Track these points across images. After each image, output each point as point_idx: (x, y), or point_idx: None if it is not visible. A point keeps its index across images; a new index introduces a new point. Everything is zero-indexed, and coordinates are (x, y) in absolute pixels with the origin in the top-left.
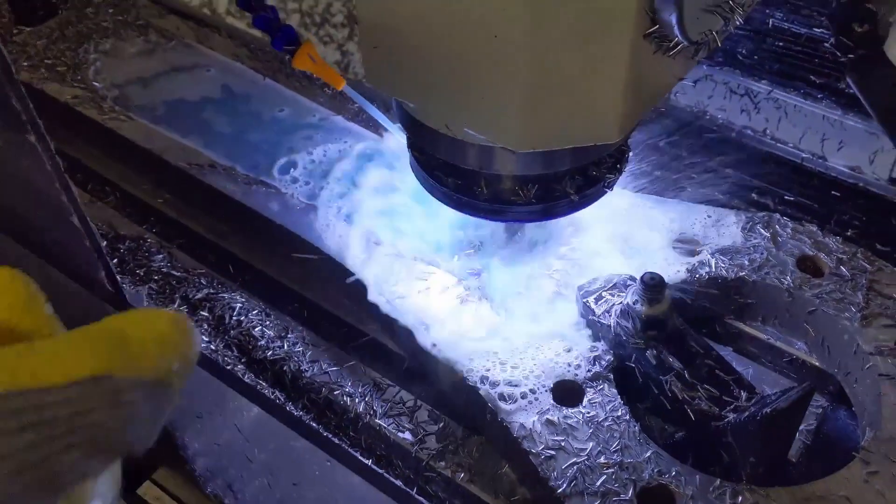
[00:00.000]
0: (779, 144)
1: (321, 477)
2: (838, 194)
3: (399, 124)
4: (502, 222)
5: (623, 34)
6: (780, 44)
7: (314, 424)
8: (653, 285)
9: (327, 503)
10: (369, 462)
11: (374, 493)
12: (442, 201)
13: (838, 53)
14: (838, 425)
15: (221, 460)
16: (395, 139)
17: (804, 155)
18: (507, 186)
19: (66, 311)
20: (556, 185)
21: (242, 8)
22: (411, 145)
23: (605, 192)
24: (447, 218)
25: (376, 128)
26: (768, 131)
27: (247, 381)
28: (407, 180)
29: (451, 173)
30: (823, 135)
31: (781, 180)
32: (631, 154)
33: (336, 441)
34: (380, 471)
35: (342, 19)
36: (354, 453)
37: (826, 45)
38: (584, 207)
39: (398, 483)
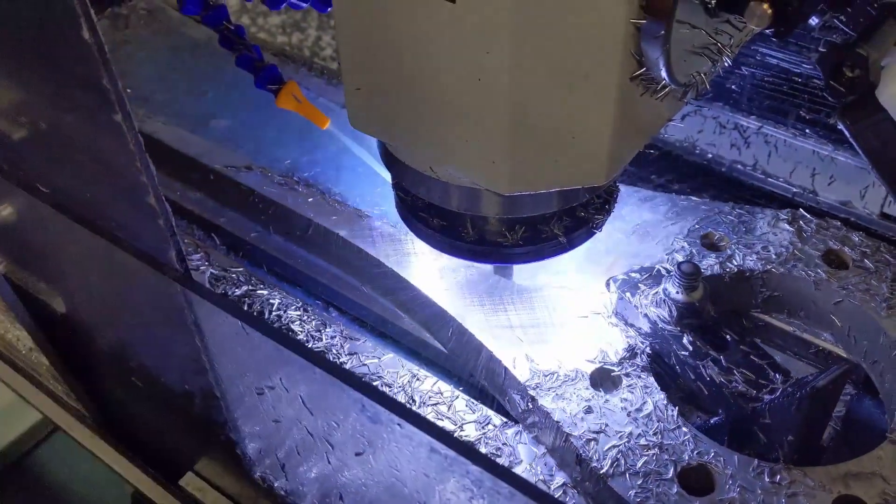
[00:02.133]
0: (769, 179)
1: (386, 445)
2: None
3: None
4: (488, 264)
5: (609, 77)
6: (770, 79)
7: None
8: (689, 273)
9: (394, 471)
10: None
11: (443, 458)
12: (427, 242)
13: (829, 99)
14: (865, 413)
15: (276, 438)
16: None
17: (795, 189)
18: (493, 228)
19: (130, 294)
20: (543, 227)
21: (225, 47)
22: (395, 186)
23: (594, 233)
24: None
25: None
26: (759, 166)
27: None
28: None
29: (435, 215)
30: (814, 169)
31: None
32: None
33: (406, 406)
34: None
35: (332, 52)
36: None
37: (816, 81)
38: (571, 249)
39: (467, 440)
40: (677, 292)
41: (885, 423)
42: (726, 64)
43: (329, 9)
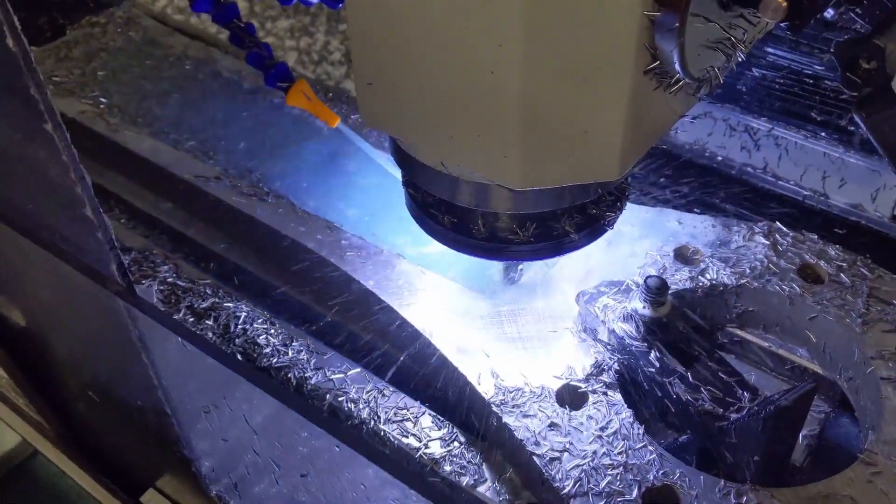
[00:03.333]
0: (780, 182)
1: (330, 467)
2: (841, 232)
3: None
4: (499, 261)
5: (623, 70)
6: (781, 81)
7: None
8: (655, 287)
9: (336, 493)
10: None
11: (384, 482)
12: (437, 239)
13: (846, 90)
14: (841, 430)
15: (228, 457)
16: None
17: (805, 192)
18: (503, 225)
19: (76, 309)
20: (554, 224)
21: (235, 45)
22: (406, 182)
23: (606, 230)
24: None
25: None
26: (769, 168)
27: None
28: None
29: (446, 211)
30: (825, 172)
31: (783, 218)
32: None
33: (349, 429)
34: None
35: (340, 57)
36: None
37: (827, 81)
38: (583, 246)
39: (412, 469)
40: (644, 307)
41: (861, 440)
42: (740, 59)
43: (340, 5)
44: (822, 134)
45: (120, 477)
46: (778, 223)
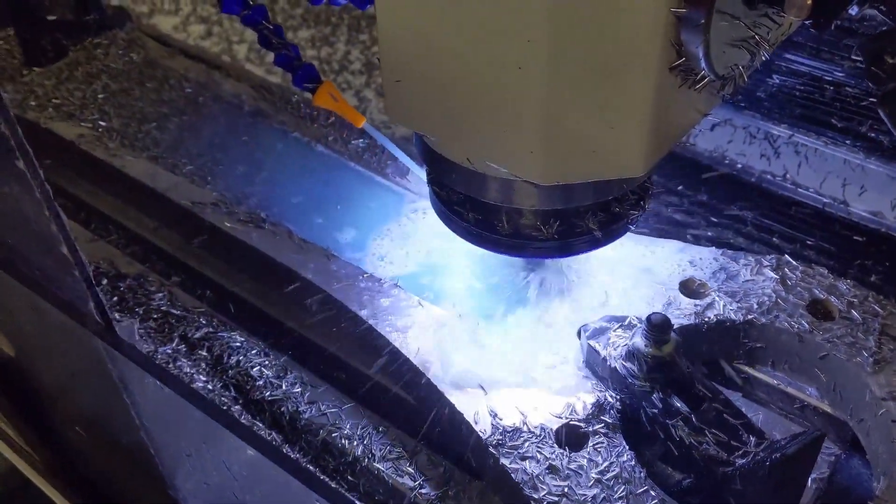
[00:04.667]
0: (799, 189)
1: None
2: (861, 239)
3: (418, 160)
4: (522, 258)
5: (648, 67)
6: (801, 87)
7: (310, 467)
8: (658, 325)
9: None
10: None
11: None
12: (461, 236)
13: (871, 84)
14: (852, 474)
15: (212, 499)
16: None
17: (825, 200)
18: (528, 222)
19: (57, 345)
20: (577, 222)
21: (264, 46)
22: (431, 180)
23: (629, 228)
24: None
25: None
26: (788, 176)
27: (240, 420)
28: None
29: (471, 208)
30: (845, 179)
31: (802, 226)
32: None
33: (331, 484)
34: None
35: (360, 67)
36: (351, 497)
37: (848, 88)
38: (605, 244)
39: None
40: (647, 345)
41: (873, 484)
42: (764, 57)
43: (368, 6)
44: (843, 141)
45: None
46: (787, 256)
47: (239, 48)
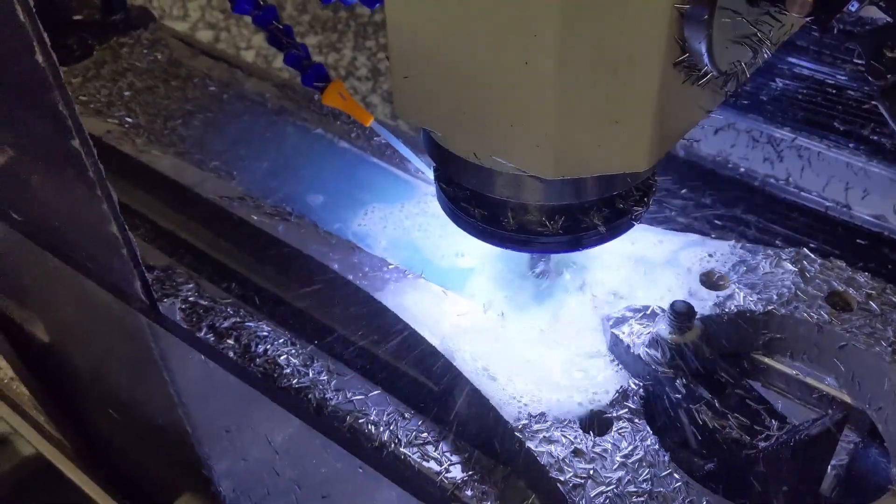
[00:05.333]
0: (802, 193)
1: (352, 489)
2: (863, 242)
3: (426, 157)
4: (527, 253)
5: (653, 62)
6: (804, 91)
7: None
8: (682, 313)
9: None
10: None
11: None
12: (468, 232)
13: (871, 78)
14: (870, 461)
15: (248, 477)
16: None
17: (828, 203)
18: (533, 217)
19: (97, 327)
20: (582, 217)
21: (274, 46)
22: (438, 177)
23: (633, 224)
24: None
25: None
26: (791, 179)
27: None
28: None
29: (477, 204)
30: (847, 183)
31: (806, 229)
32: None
33: (371, 451)
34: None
35: (366, 73)
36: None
37: (850, 92)
38: (610, 240)
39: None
40: (671, 333)
41: (891, 471)
42: (767, 55)
43: (377, 5)
44: (846, 144)
45: (138, 496)
46: (805, 250)
47: (246, 54)
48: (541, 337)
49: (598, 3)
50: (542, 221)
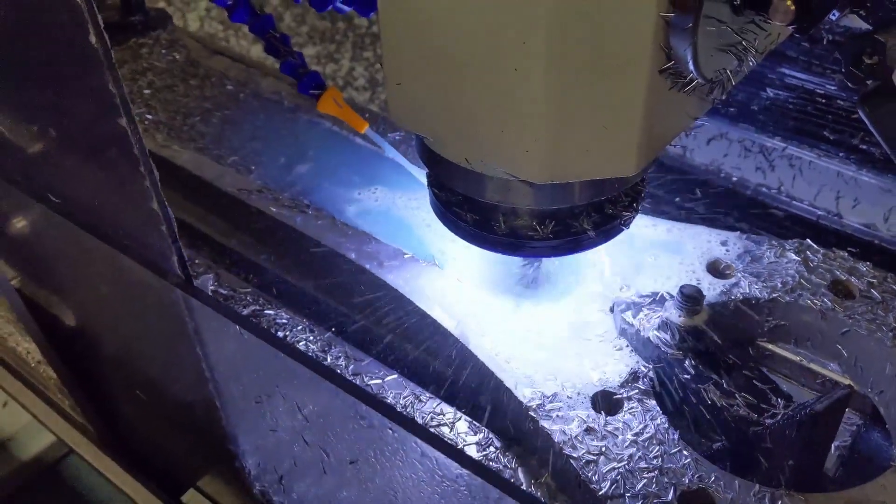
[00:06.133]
0: (794, 202)
1: (381, 453)
2: (855, 251)
3: (420, 165)
4: (518, 257)
5: (640, 69)
6: (794, 100)
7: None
8: (691, 296)
9: (385, 480)
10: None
11: (434, 471)
12: (460, 236)
13: (850, 84)
14: (872, 443)
15: (275, 449)
16: None
17: (819, 212)
18: (523, 222)
19: (130, 305)
20: (572, 222)
21: (270, 54)
22: (430, 183)
23: (622, 229)
24: None
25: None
26: (783, 189)
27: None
28: None
29: (469, 209)
30: (838, 192)
31: (799, 237)
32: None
33: (403, 414)
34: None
35: (364, 83)
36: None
37: (840, 101)
38: (600, 244)
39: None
40: (680, 315)
41: (893, 453)
42: (752, 63)
43: (372, 13)
44: (835, 153)
45: (161, 479)
46: (809, 241)
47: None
48: (553, 322)
49: (586, 11)
50: (532, 226)
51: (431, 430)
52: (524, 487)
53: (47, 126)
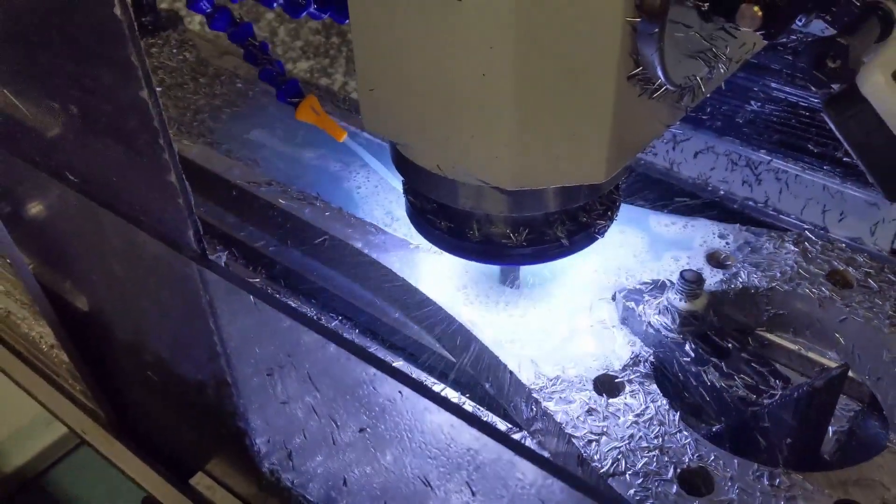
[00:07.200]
0: (781, 216)
1: (391, 419)
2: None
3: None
4: (492, 265)
5: (607, 75)
6: (778, 113)
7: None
8: (691, 280)
9: (394, 448)
10: None
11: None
12: (435, 244)
13: (813, 88)
14: (869, 428)
15: (285, 423)
16: None
17: (806, 226)
18: (497, 230)
19: (149, 277)
20: (546, 230)
21: (250, 62)
22: (406, 190)
23: (597, 238)
24: None
25: None
26: (770, 202)
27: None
28: None
29: (443, 216)
30: (824, 206)
31: None
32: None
33: (412, 378)
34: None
35: (357, 97)
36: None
37: (822, 114)
38: (573, 252)
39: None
40: (680, 300)
41: (890, 437)
42: (722, 70)
43: (346, 21)
44: (820, 166)
45: (169, 463)
46: (807, 232)
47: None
48: (556, 309)
49: (553, 17)
50: (506, 234)
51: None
52: None
53: (68, 102)
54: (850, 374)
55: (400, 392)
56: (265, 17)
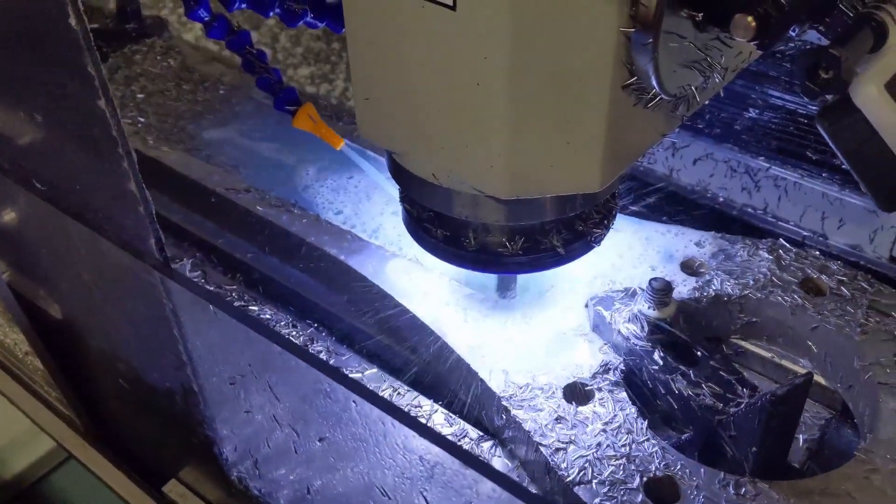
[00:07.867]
0: (780, 223)
1: (349, 429)
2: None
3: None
4: (488, 273)
5: (602, 85)
6: (777, 120)
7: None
8: (660, 288)
9: (351, 456)
10: None
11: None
12: (431, 252)
13: (806, 98)
14: (841, 437)
15: (250, 432)
16: None
17: (805, 233)
18: (492, 238)
19: (114, 286)
20: (542, 238)
21: (247, 71)
22: (402, 198)
23: (593, 246)
24: None
25: None
26: (769, 209)
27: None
28: None
29: (439, 225)
30: (823, 213)
31: None
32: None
33: (367, 388)
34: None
35: None
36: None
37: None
38: (569, 261)
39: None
40: (650, 308)
41: (859, 446)
42: (718, 80)
43: (343, 30)
44: (818, 174)
45: (143, 471)
46: (782, 240)
47: None
48: (527, 317)
49: (548, 26)
50: (501, 242)
51: None
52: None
53: (32, 111)
54: (822, 381)
55: (354, 402)
56: (266, 23)
